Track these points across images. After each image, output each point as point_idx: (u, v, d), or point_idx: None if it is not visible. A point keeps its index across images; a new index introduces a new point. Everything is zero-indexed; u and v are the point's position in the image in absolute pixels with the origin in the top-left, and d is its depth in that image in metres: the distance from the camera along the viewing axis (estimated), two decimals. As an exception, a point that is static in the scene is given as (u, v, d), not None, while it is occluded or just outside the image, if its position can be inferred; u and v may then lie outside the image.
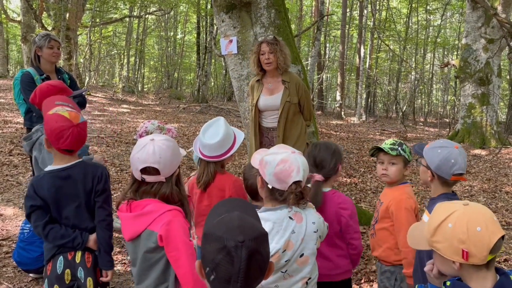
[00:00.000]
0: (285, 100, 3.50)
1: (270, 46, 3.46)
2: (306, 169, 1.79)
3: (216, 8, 4.68)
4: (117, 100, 15.87)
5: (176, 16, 27.25)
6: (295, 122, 3.58)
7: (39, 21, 12.76)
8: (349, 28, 22.88)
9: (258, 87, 3.67)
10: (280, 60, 3.47)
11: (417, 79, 21.05)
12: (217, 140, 2.42)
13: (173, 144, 1.88)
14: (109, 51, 25.76)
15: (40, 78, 3.55)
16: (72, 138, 2.04)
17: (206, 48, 19.68)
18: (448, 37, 27.37)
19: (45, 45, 3.56)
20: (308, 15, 28.66)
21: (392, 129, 14.56)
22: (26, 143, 2.77)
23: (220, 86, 26.22)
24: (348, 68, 25.00)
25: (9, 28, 18.04)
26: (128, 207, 1.83)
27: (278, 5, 4.56)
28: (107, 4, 19.82)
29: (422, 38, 23.95)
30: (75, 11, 13.44)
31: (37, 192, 2.04)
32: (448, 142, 2.10)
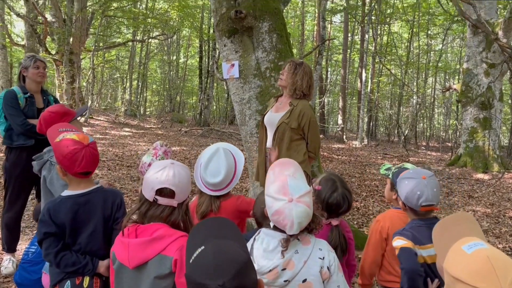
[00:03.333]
0: (282, 121, 3.42)
1: (290, 67, 3.47)
2: (303, 219, 1.70)
3: (218, 33, 4.71)
4: (119, 124, 15.91)
5: (178, 41, 27.60)
6: (293, 149, 3.45)
7: (43, 45, 12.91)
8: (351, 53, 23.10)
9: (272, 103, 3.67)
10: (289, 82, 3.46)
11: (418, 103, 21.10)
12: (220, 179, 2.38)
13: (189, 172, 1.88)
14: (111, 75, 26.00)
15: (24, 96, 3.54)
16: (87, 159, 2.02)
17: (208, 72, 19.85)
18: (450, 62, 27.59)
19: (31, 65, 3.59)
20: (309, 40, 29.02)
21: (394, 153, 14.49)
22: (36, 162, 2.74)
23: (222, 110, 26.33)
24: (349, 92, 25.12)
25: (13, 52, 18.26)
26: (134, 231, 1.78)
27: (280, 30, 4.58)
28: (111, 29, 20.12)
29: (423, 62, 24.13)
30: (79, 35, 13.61)
31: (53, 217, 1.99)
32: (416, 173, 2.10)
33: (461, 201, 7.46)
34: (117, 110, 18.76)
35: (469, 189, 8.40)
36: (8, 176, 3.62)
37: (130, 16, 17.94)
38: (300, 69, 3.47)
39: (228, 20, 4.47)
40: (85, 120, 14.04)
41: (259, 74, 4.49)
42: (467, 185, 8.81)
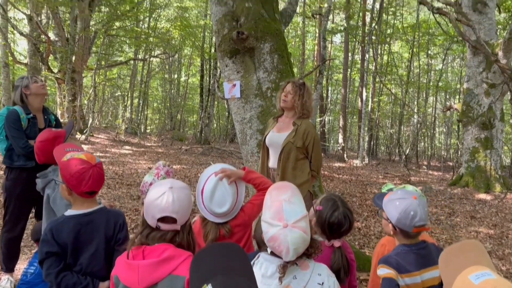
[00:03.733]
0: (288, 140, 3.43)
1: (293, 87, 3.49)
2: (299, 245, 1.68)
3: (220, 53, 4.73)
4: (120, 142, 15.91)
5: (180, 59, 27.84)
6: (298, 168, 3.46)
7: (45, 64, 13.01)
8: (351, 72, 23.25)
9: (273, 124, 3.65)
10: (297, 103, 3.46)
11: (419, 122, 21.15)
12: (227, 208, 2.34)
13: (189, 193, 1.86)
14: (113, 93, 26.14)
15: (26, 117, 3.52)
16: (94, 178, 2.03)
17: (209, 91, 19.95)
18: (450, 81, 27.75)
19: (30, 82, 3.58)
20: (310, 59, 29.26)
21: (395, 173, 14.44)
22: (41, 180, 2.71)
23: (222, 128, 26.39)
24: (350, 111, 25.20)
25: (16, 70, 18.41)
26: (141, 253, 1.76)
27: (281, 51, 4.60)
28: (113, 47, 20.31)
29: (423, 82, 24.27)
30: (82, 54, 13.73)
31: (55, 237, 1.98)
32: (406, 193, 2.05)
33: (463, 221, 7.38)
34: (117, 128, 18.80)
35: (472, 210, 8.33)
36: (8, 195, 3.59)
37: (132, 35, 18.14)
38: (304, 89, 3.53)
39: (230, 41, 4.50)
40: (86, 138, 14.05)
41: (260, 94, 4.50)
42: (469, 205, 8.74)
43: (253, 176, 2.48)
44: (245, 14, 4.56)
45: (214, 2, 4.77)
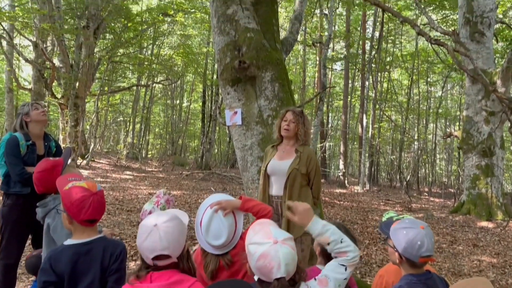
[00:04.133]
0: (293, 167, 3.45)
1: (294, 116, 3.54)
2: (290, 262, 1.68)
3: (222, 82, 4.82)
4: (121, 167, 15.92)
5: (182, 85, 28.13)
6: (303, 195, 3.47)
7: (49, 90, 13.17)
8: (351, 99, 23.45)
9: (272, 152, 3.67)
10: (301, 131, 3.52)
11: (420, 148, 21.18)
12: (223, 241, 2.34)
13: (177, 223, 1.84)
14: (115, 118, 26.33)
15: (26, 143, 3.55)
16: (94, 206, 2.04)
17: (211, 116, 20.08)
18: (450, 108, 27.94)
19: (31, 109, 3.62)
20: (311, 86, 29.58)
21: (396, 199, 14.38)
22: (41, 209, 2.72)
23: (223, 153, 26.43)
24: (350, 137, 25.29)
25: (19, 95, 18.62)
26: (148, 278, 1.77)
27: (282, 79, 4.68)
28: (116, 73, 20.57)
29: (423, 108, 24.43)
30: (85, 80, 13.90)
31: (53, 266, 1.97)
32: (413, 222, 2.06)
33: (465, 250, 7.31)
34: (119, 153, 18.85)
35: (474, 238, 8.26)
36: (5, 221, 3.58)
37: (136, 61, 18.40)
38: (304, 117, 3.60)
39: (232, 70, 4.59)
40: (87, 163, 14.08)
41: (261, 122, 4.55)
42: (471, 233, 8.67)
43: (250, 204, 2.48)
44: (247, 44, 4.66)
45: (217, 32, 4.88)
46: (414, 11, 20.38)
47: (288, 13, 21.62)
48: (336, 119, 30.45)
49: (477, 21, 10.10)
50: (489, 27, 10.13)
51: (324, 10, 18.64)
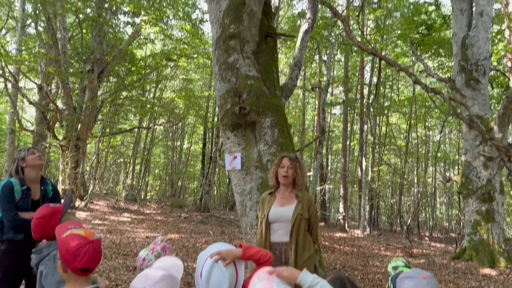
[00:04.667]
0: (297, 213, 3.45)
1: (291, 162, 3.55)
2: None
3: (222, 127, 4.90)
4: (119, 209, 15.80)
5: (183, 127, 28.40)
6: (306, 241, 3.48)
7: (51, 131, 13.30)
8: (350, 142, 23.61)
9: (270, 199, 3.64)
10: (299, 177, 3.54)
11: (420, 192, 21.10)
12: None
13: (166, 280, 1.84)
14: (115, 160, 26.39)
15: (21, 189, 3.56)
16: (89, 255, 2.00)
17: (211, 158, 20.14)
18: (448, 152, 28.06)
19: (27, 154, 3.65)
20: (310, 129, 29.86)
21: (397, 244, 14.17)
22: (35, 256, 2.70)
23: (222, 195, 26.30)
24: (350, 180, 25.25)
25: (21, 137, 18.76)
26: None
27: (281, 125, 4.76)
28: (118, 115, 20.84)
29: (422, 152, 24.53)
30: (87, 122, 14.07)
31: None
32: (416, 272, 2.09)
33: (469, 298, 7.15)
34: (117, 195, 18.77)
35: (477, 286, 8.09)
36: None
37: (138, 104, 18.69)
38: (300, 162, 3.63)
39: (232, 116, 4.68)
40: (85, 204, 13.99)
41: (260, 166, 4.58)
42: (474, 280, 8.50)
43: (251, 252, 2.45)
44: (248, 90, 4.78)
45: (218, 79, 5.02)
46: (411, 58, 20.91)
47: (288, 59, 22.19)
48: (335, 162, 30.50)
49: (472, 68, 10.34)
50: (484, 74, 10.37)
51: (323, 56, 19.16)
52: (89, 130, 14.44)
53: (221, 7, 5.15)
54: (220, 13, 5.14)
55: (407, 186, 23.54)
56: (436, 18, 15.92)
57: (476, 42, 9.79)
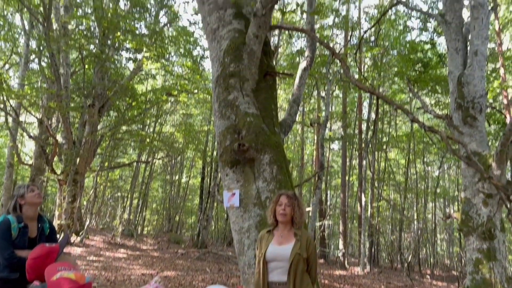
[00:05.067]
0: (295, 252, 3.39)
1: (288, 200, 3.52)
2: None
3: (221, 163, 4.90)
4: (115, 244, 15.56)
5: (182, 161, 28.37)
6: (304, 281, 3.40)
7: (49, 165, 13.28)
8: (349, 177, 23.56)
9: (268, 237, 3.59)
10: (297, 215, 3.50)
11: (420, 229, 20.87)
12: None
13: None
14: (113, 194, 26.21)
15: (18, 226, 3.52)
16: None
17: (210, 193, 20.03)
18: (447, 188, 27.97)
19: (26, 191, 3.63)
20: (309, 163, 29.84)
21: (397, 282, 13.90)
22: None
23: (220, 230, 25.98)
24: (350, 216, 25.03)
25: (19, 170, 18.70)
26: None
27: (280, 161, 4.77)
28: (117, 149, 20.86)
29: (421, 188, 24.45)
30: (86, 156, 14.07)
31: None
32: None
33: None
34: (114, 230, 18.52)
35: (481, 327, 7.86)
36: None
37: (138, 138, 18.76)
38: (298, 200, 3.59)
39: (231, 152, 4.69)
40: (81, 240, 13.79)
41: (259, 203, 4.56)
42: (478, 322, 8.27)
43: None
44: (247, 127, 4.81)
45: (218, 116, 5.07)
46: (408, 94, 21.19)
47: (287, 94, 22.48)
48: (335, 197, 30.34)
49: (468, 106, 10.43)
50: (481, 112, 10.44)
51: (321, 92, 19.42)
52: (87, 164, 14.41)
53: (222, 46, 5.26)
54: (220, 52, 5.26)
55: (407, 222, 23.32)
56: (432, 56, 16.23)
57: (471, 81, 9.94)
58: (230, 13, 5.40)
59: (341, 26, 19.24)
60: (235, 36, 5.24)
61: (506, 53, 16.87)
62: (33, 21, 15.60)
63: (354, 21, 21.69)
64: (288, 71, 17.73)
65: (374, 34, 17.40)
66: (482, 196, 10.53)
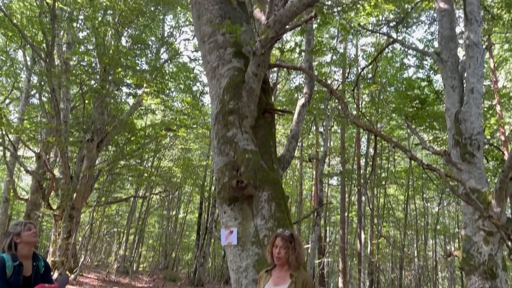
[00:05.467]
0: None
1: (284, 242, 3.48)
2: None
3: (219, 200, 4.86)
4: (110, 282, 15.19)
5: (180, 196, 28.17)
6: None
7: (45, 200, 13.16)
8: (349, 213, 23.36)
9: (266, 277, 3.57)
10: (292, 258, 3.46)
11: (421, 266, 20.50)
12: None
13: None
14: (109, 230, 25.85)
15: (12, 264, 3.47)
16: None
17: (207, 229, 19.79)
18: (448, 225, 27.68)
19: (23, 230, 3.60)
20: (308, 199, 29.65)
21: (400, 323, 13.50)
22: None
23: (217, 268, 25.47)
24: (349, 253, 24.63)
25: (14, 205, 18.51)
26: None
27: (279, 198, 4.73)
28: (115, 184, 20.73)
29: (421, 224, 24.20)
30: (83, 191, 13.96)
31: None
32: None
33: None
34: (109, 267, 18.14)
35: None
36: None
37: (136, 173, 18.68)
38: (295, 242, 3.55)
39: (229, 189, 4.66)
40: (75, 277, 13.46)
41: (257, 242, 4.49)
42: None
43: None
44: (245, 164, 4.80)
45: (216, 152, 5.07)
46: (406, 130, 21.32)
47: (285, 130, 22.60)
48: (334, 233, 29.93)
49: (466, 142, 10.47)
50: (479, 148, 10.48)
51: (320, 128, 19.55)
52: (84, 200, 14.28)
53: (221, 84, 5.33)
54: (220, 89, 5.32)
55: (407, 259, 22.94)
56: (429, 93, 16.45)
57: (468, 118, 10.02)
58: (230, 52, 5.50)
59: (339, 63, 19.61)
60: (234, 74, 5.32)
61: (502, 90, 17.14)
62: (35, 57, 15.86)
63: (352, 59, 22.13)
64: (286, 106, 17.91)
65: (372, 71, 17.70)
66: (483, 234, 10.39)
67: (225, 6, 5.77)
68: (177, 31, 20.06)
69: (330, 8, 14.02)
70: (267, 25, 4.82)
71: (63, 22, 14.58)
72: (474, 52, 9.20)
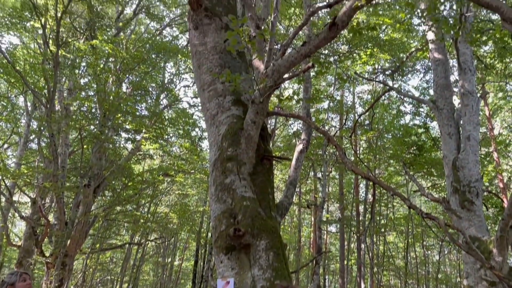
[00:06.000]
0: None
1: None
2: None
3: (216, 249, 4.77)
4: (101, 333, 14.60)
5: (175, 243, 27.66)
6: None
7: (38, 247, 12.86)
8: (348, 261, 22.87)
9: None
10: None
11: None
12: None
13: None
14: (102, 278, 25.15)
15: None
16: None
17: (203, 277, 19.28)
18: (449, 274, 27.05)
19: (18, 280, 3.60)
20: (306, 246, 29.12)
21: None
22: None
23: (213, 320, 24.59)
24: (349, 304, 23.92)
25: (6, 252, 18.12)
26: None
27: (277, 247, 4.64)
28: (110, 230, 20.37)
29: (422, 273, 23.65)
30: (78, 238, 13.68)
31: None
32: None
33: None
34: (101, 317, 17.52)
35: None
36: None
37: (132, 219, 18.42)
38: None
39: (226, 237, 4.58)
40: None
41: (254, 293, 4.36)
42: None
43: None
44: (243, 212, 4.75)
45: (214, 199, 5.02)
46: (404, 177, 21.30)
47: (283, 175, 22.57)
48: (333, 283, 29.19)
49: (465, 190, 10.45)
50: (477, 196, 10.45)
51: (318, 173, 19.53)
52: (78, 246, 13.96)
53: (220, 131, 5.37)
54: (219, 136, 5.35)
55: (410, 311, 22.23)
56: (426, 140, 16.60)
57: (466, 165, 10.06)
58: (229, 100, 5.58)
59: (336, 110, 19.90)
60: (233, 122, 5.37)
61: (498, 137, 17.30)
62: (36, 103, 16.05)
63: (349, 105, 22.47)
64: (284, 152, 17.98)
65: (369, 118, 17.93)
66: (486, 284, 10.14)
67: (225, 56, 5.91)
68: (177, 78, 20.43)
69: (327, 57, 14.41)
70: (265, 74, 4.92)
71: (66, 69, 14.88)
72: (469, 100, 9.35)
